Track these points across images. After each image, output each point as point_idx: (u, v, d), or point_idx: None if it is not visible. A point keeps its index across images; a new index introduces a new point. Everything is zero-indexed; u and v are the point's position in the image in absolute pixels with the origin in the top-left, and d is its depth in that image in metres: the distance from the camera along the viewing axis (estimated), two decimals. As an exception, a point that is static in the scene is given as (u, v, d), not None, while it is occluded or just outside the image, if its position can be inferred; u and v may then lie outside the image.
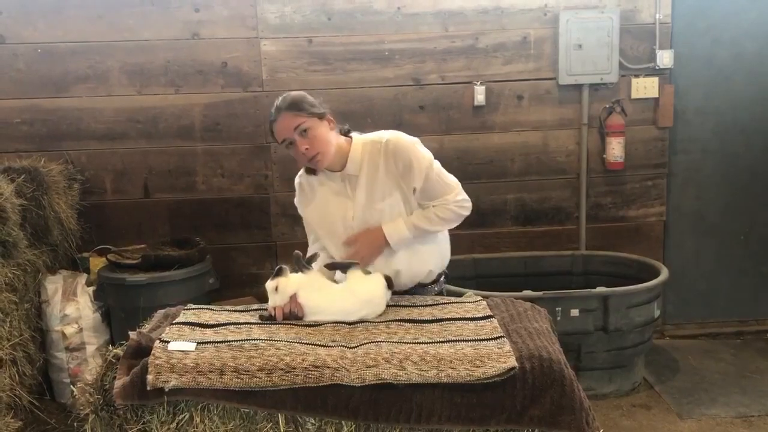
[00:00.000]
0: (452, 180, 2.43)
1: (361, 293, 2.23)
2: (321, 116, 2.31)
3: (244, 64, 3.97)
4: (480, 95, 4.06)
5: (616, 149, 4.11)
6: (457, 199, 2.42)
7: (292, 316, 2.24)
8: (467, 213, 2.46)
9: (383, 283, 2.26)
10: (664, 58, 4.08)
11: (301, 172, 2.50)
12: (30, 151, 3.87)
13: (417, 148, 2.35)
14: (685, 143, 4.29)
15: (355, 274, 2.27)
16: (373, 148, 2.37)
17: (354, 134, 2.43)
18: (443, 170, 2.42)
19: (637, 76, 4.14)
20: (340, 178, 2.39)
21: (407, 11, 4.00)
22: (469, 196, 2.43)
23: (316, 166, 2.35)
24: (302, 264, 2.25)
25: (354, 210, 2.40)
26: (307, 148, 2.28)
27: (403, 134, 2.38)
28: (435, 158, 2.40)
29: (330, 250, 2.47)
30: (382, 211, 2.38)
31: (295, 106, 2.28)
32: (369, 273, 2.29)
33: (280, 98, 2.32)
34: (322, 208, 2.45)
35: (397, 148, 2.34)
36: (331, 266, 2.32)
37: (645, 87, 4.14)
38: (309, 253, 2.50)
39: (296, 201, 2.54)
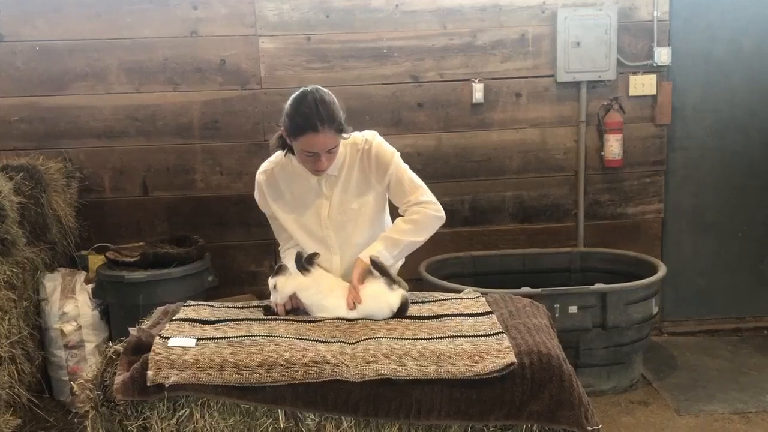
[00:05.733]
0: (419, 180, 2.46)
1: (364, 307, 2.22)
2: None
3: (242, 62, 3.97)
4: (478, 93, 4.06)
5: (614, 146, 4.12)
6: (423, 200, 2.42)
7: (294, 311, 2.26)
8: (441, 215, 2.45)
9: (391, 305, 2.21)
10: (662, 56, 4.09)
11: (265, 168, 2.46)
12: (28, 149, 3.87)
13: (385, 145, 2.41)
14: (683, 140, 4.30)
15: (375, 284, 2.24)
16: (353, 149, 2.40)
17: None
18: (409, 168, 2.46)
19: (635, 73, 4.15)
20: (317, 176, 2.38)
21: (405, 9, 4.00)
22: (467, 193, 2.45)
23: (318, 174, 2.35)
24: (302, 265, 2.24)
25: (329, 208, 2.41)
26: (326, 163, 2.28)
27: (376, 132, 2.44)
28: (433, 156, 2.42)
29: (304, 246, 2.45)
30: (355, 210, 2.41)
31: (340, 128, 2.23)
32: (394, 286, 2.24)
33: (318, 104, 2.18)
34: (296, 206, 2.44)
35: (372, 147, 2.38)
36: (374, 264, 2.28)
37: (643, 84, 4.15)
38: (282, 253, 2.52)
39: (259, 197, 2.49)
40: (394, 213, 2.55)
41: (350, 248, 2.43)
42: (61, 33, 3.87)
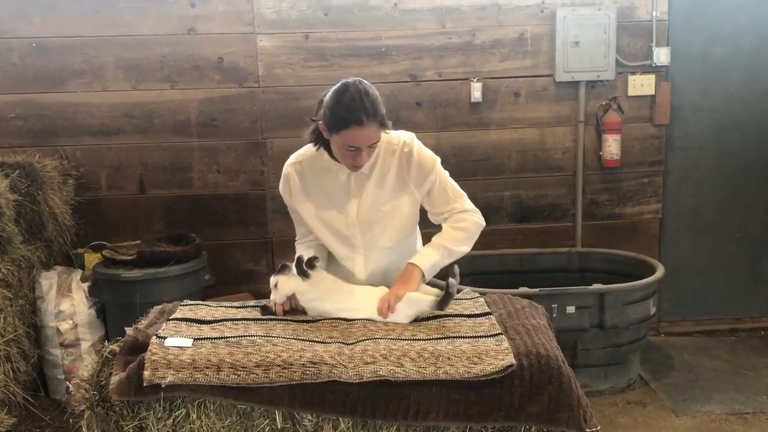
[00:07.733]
0: (460, 188, 2.41)
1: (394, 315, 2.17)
2: None
3: (240, 60, 3.95)
4: (477, 92, 4.05)
5: (612, 146, 4.11)
6: (467, 208, 2.38)
7: (293, 311, 2.24)
8: (483, 223, 2.41)
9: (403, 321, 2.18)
10: (661, 56, 4.08)
11: (294, 159, 2.39)
12: (24, 147, 3.85)
13: (426, 150, 2.33)
14: (681, 140, 4.29)
15: (417, 305, 2.18)
16: (388, 148, 2.31)
17: None
18: (449, 175, 2.40)
19: (633, 73, 4.14)
20: (347, 172, 2.30)
21: (404, 7, 3.99)
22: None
23: (356, 170, 2.27)
24: (302, 269, 2.20)
25: (358, 208, 2.33)
26: (366, 158, 2.21)
27: (416, 137, 2.35)
28: (432, 155, 2.37)
29: (328, 244, 2.41)
30: (386, 212, 2.34)
31: (383, 122, 2.17)
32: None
33: (363, 96, 2.11)
34: (322, 202, 2.37)
35: (413, 151, 2.30)
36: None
37: (642, 84, 4.14)
38: (297, 242, 2.49)
39: (283, 189, 2.42)
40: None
41: (375, 250, 2.37)
42: (58, 29, 3.84)
